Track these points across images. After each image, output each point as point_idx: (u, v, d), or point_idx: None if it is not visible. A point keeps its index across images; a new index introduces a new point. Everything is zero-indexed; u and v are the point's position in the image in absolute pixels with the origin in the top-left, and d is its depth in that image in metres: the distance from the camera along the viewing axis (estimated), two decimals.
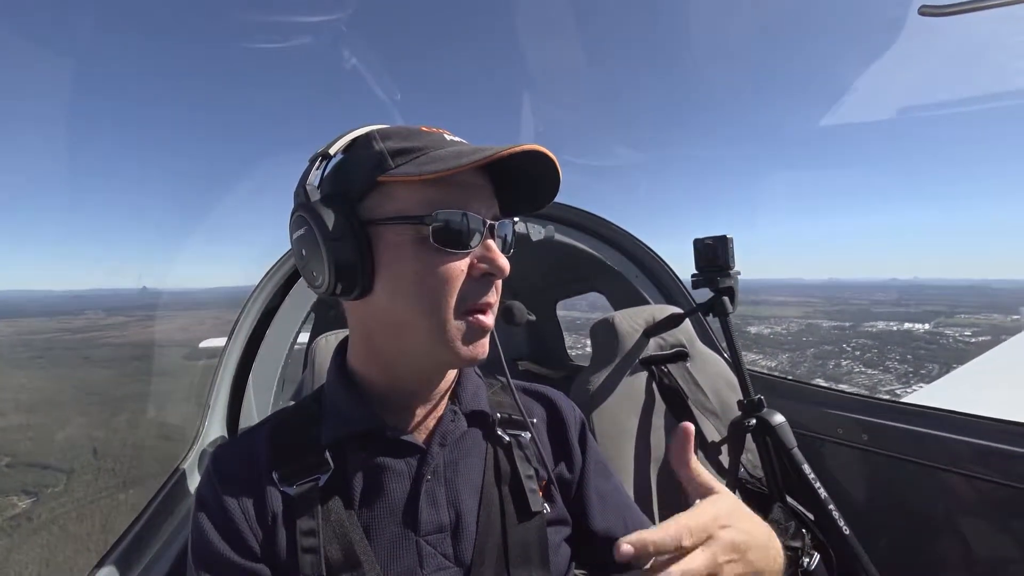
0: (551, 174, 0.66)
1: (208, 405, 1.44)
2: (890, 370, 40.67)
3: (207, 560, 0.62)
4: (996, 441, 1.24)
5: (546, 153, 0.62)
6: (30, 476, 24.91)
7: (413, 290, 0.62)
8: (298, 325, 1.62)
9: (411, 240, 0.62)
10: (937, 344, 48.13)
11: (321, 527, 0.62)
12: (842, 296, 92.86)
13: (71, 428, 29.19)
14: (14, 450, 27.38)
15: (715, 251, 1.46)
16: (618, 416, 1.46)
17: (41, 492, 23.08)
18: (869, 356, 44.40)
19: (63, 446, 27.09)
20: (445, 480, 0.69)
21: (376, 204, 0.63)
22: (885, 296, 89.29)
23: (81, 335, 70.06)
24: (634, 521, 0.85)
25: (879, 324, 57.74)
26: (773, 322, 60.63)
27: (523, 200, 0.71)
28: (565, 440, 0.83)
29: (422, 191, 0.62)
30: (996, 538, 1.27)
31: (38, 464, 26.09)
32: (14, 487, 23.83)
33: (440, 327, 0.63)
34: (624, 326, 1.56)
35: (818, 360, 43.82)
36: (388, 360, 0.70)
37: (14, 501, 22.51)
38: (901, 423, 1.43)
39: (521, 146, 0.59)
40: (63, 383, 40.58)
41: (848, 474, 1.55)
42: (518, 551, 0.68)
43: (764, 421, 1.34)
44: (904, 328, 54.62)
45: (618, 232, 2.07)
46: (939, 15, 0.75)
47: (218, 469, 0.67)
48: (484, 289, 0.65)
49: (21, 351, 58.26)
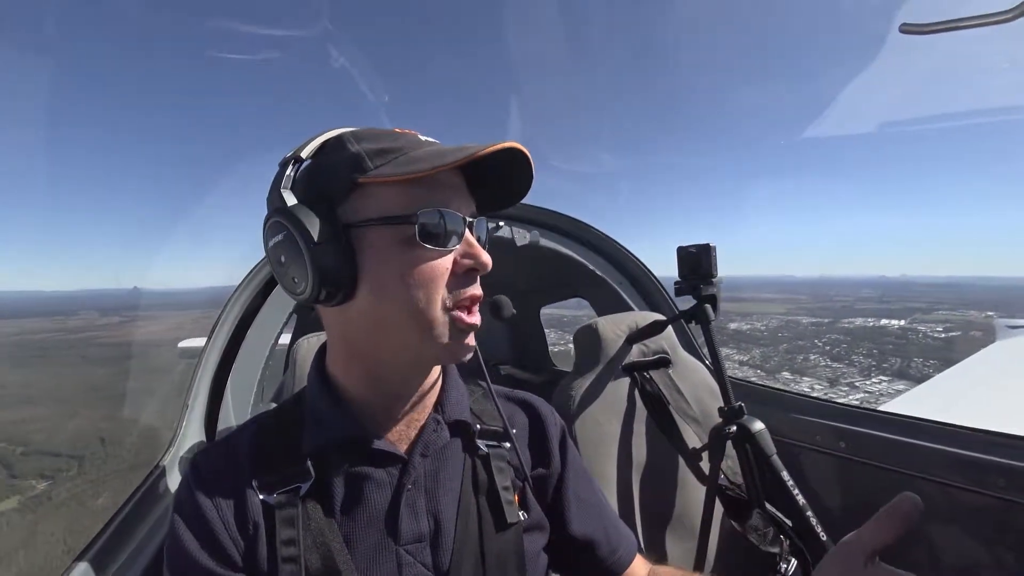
0: (525, 172, 0.66)
1: (187, 406, 1.42)
2: (854, 364, 41.95)
3: (183, 568, 0.61)
4: (969, 450, 1.26)
5: (522, 151, 0.62)
6: (45, 462, 27.01)
7: (399, 290, 0.62)
8: (279, 326, 1.60)
9: (394, 241, 0.61)
10: (906, 339, 49.47)
11: (301, 536, 0.62)
12: (828, 293, 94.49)
13: (78, 420, 30.86)
14: (27, 440, 29.26)
15: (698, 259, 1.45)
16: (600, 422, 1.45)
17: (56, 475, 25.22)
18: (837, 351, 45.63)
19: (72, 436, 28.89)
20: (425, 490, 0.69)
21: (356, 206, 0.62)
22: (871, 293, 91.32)
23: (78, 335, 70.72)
24: (613, 526, 0.85)
25: (857, 320, 58.70)
26: (754, 319, 61.49)
27: (498, 198, 0.71)
28: (545, 446, 0.83)
29: (403, 191, 0.61)
30: (969, 546, 1.27)
31: (50, 452, 28.08)
32: (31, 472, 26.03)
33: (428, 325, 0.62)
34: (607, 332, 1.56)
35: (788, 354, 45.23)
36: (369, 365, 0.68)
37: (33, 484, 24.79)
38: (878, 431, 1.44)
39: (500, 144, 0.59)
40: (66, 380, 42.22)
41: (826, 481, 1.55)
42: (495, 561, 0.68)
43: (744, 428, 1.34)
44: (880, 324, 55.85)
45: (602, 238, 2.06)
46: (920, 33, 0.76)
47: (197, 475, 0.66)
48: (468, 285, 0.65)
49: (21, 350, 59.19)
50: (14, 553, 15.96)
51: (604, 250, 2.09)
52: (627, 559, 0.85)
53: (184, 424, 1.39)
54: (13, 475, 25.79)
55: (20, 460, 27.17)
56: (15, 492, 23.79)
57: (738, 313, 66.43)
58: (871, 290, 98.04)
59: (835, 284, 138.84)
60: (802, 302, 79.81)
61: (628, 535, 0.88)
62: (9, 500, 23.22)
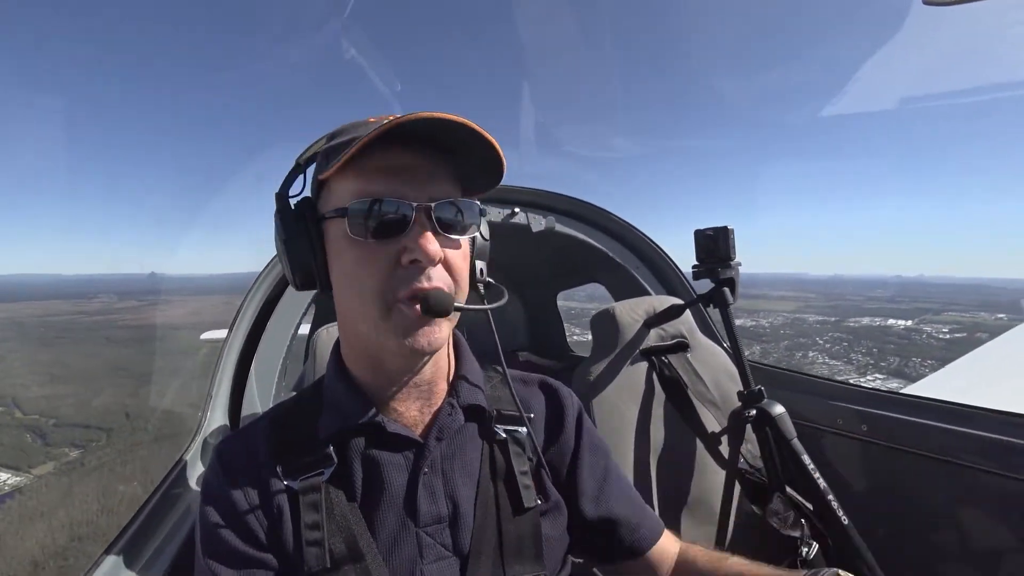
0: (491, 149, 0.61)
1: (210, 396, 1.44)
2: (852, 362, 42.53)
3: (216, 549, 0.63)
4: (995, 432, 1.23)
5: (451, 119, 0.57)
6: (76, 433, 29.51)
7: (350, 283, 0.63)
8: (299, 316, 1.61)
9: (343, 234, 0.61)
10: (908, 340, 49.44)
11: (325, 520, 0.63)
12: (840, 292, 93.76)
13: (104, 396, 33.05)
14: (57, 414, 31.67)
15: (716, 242, 1.43)
16: (618, 406, 1.45)
17: (87, 445, 27.65)
18: (837, 349, 46.19)
19: (100, 411, 31.15)
20: (442, 473, 0.69)
21: (323, 203, 0.65)
22: (883, 293, 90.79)
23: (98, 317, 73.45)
24: (635, 505, 0.85)
25: (864, 320, 58.42)
26: (761, 316, 61.48)
27: (481, 177, 0.67)
28: (561, 426, 0.83)
29: (351, 182, 0.61)
30: (994, 528, 1.25)
31: (80, 424, 30.58)
32: (64, 441, 28.55)
33: (378, 318, 0.62)
34: (625, 317, 1.56)
35: (788, 351, 45.49)
36: (368, 352, 0.69)
37: (66, 452, 27.30)
38: (900, 414, 1.42)
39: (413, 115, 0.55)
40: (90, 360, 44.54)
41: (847, 464, 1.54)
42: (513, 545, 0.69)
43: (764, 412, 1.32)
44: (886, 324, 55.49)
45: (618, 223, 2.05)
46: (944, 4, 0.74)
47: (222, 462, 0.67)
48: (412, 277, 0.61)
49: (45, 331, 61.65)
50: (55, 509, 18.10)
51: (620, 235, 2.08)
52: (651, 537, 0.83)
53: (208, 414, 1.41)
54: (47, 444, 28.38)
55: (53, 431, 29.73)
56: (50, 459, 26.32)
57: (746, 310, 65.77)
58: (883, 290, 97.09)
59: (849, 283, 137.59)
60: (812, 300, 79.24)
61: (652, 515, 0.87)
62: (45, 465, 25.74)
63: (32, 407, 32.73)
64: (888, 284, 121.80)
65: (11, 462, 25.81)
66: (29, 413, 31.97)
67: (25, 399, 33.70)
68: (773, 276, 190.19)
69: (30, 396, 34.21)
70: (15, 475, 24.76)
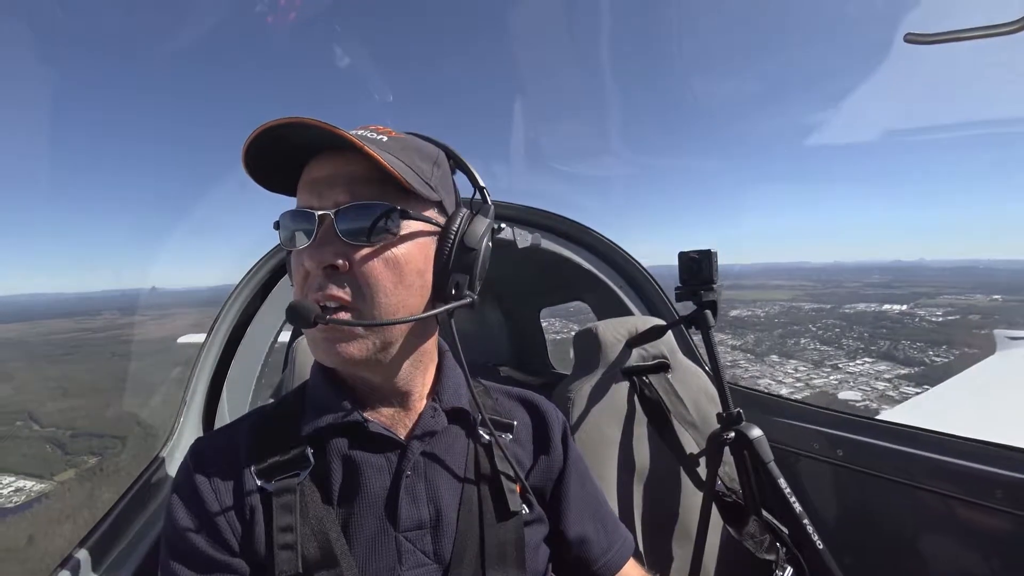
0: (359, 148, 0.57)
1: (184, 402, 1.41)
2: (843, 347, 43.09)
3: (181, 551, 0.61)
4: (967, 460, 1.24)
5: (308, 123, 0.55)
6: (92, 442, 30.85)
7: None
8: (279, 324, 1.60)
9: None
10: (901, 323, 49.66)
11: (299, 523, 0.61)
12: (838, 279, 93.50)
13: (115, 408, 33.98)
14: (73, 425, 32.96)
15: (699, 265, 1.44)
16: (600, 425, 1.45)
17: (104, 452, 29.03)
18: (829, 335, 46.53)
19: (112, 421, 32.26)
20: (425, 476, 0.68)
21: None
22: (881, 278, 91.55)
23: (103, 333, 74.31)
24: (610, 526, 0.84)
25: (859, 306, 58.67)
26: (757, 305, 61.77)
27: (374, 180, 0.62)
28: (548, 442, 0.81)
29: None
30: (964, 555, 1.26)
31: (95, 434, 31.90)
32: (82, 450, 29.94)
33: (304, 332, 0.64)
34: (607, 336, 1.56)
35: (781, 339, 46.30)
36: None
37: (85, 459, 28.74)
38: (875, 439, 1.43)
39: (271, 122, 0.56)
40: (98, 374, 45.71)
41: (823, 489, 1.55)
42: (495, 551, 0.67)
43: (742, 434, 1.33)
44: (881, 309, 55.70)
45: (604, 242, 2.05)
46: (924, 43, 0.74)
47: (197, 460, 0.65)
48: (311, 289, 0.61)
49: (52, 349, 62.80)
50: (79, 510, 19.58)
51: (605, 253, 2.08)
52: (620, 560, 0.83)
53: (182, 419, 1.39)
54: (67, 452, 29.88)
55: (71, 441, 31.22)
56: (71, 466, 27.84)
57: (742, 300, 66.54)
58: (882, 275, 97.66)
59: (847, 270, 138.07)
60: (809, 288, 79.22)
61: (625, 536, 0.86)
62: (67, 472, 27.25)
63: (49, 420, 34.18)
64: (887, 270, 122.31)
65: (35, 471, 27.13)
66: (46, 426, 33.39)
67: (41, 413, 35.08)
68: (769, 266, 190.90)
69: (46, 410, 35.60)
70: (40, 482, 25.97)
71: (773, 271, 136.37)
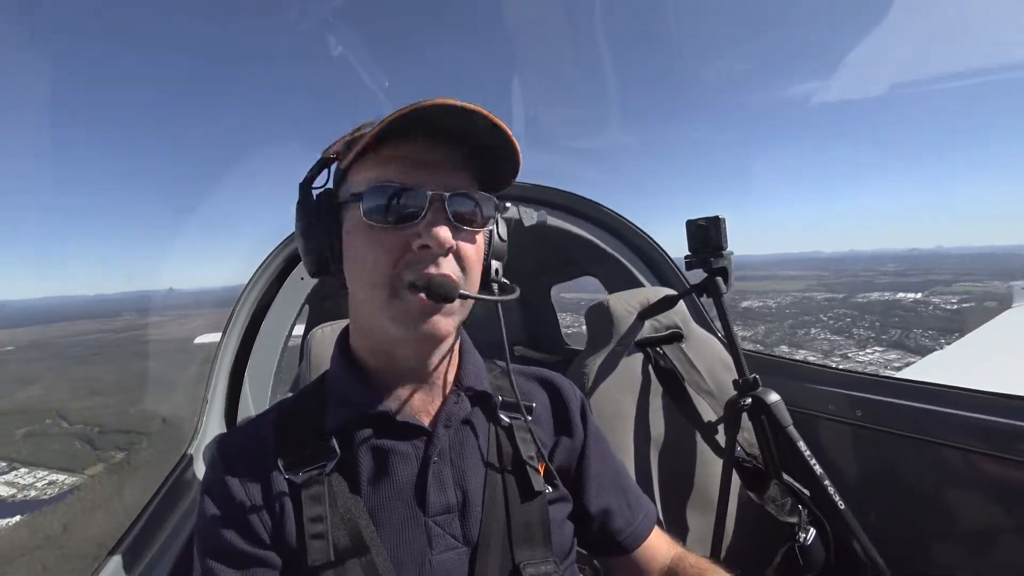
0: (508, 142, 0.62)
1: (206, 400, 1.43)
2: (853, 336, 42.40)
3: (214, 547, 0.62)
4: (986, 414, 1.22)
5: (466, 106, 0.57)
6: (119, 438, 32.14)
7: (360, 268, 0.63)
8: (293, 318, 1.62)
9: (357, 220, 0.61)
10: (914, 312, 48.75)
11: (328, 513, 0.62)
12: (853, 268, 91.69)
13: (140, 405, 35.09)
14: (100, 422, 34.29)
15: (708, 232, 1.43)
16: (616, 399, 1.45)
17: (131, 448, 30.28)
18: (840, 325, 45.80)
19: (138, 418, 33.42)
20: (451, 461, 0.69)
21: (342, 191, 0.65)
22: (896, 267, 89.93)
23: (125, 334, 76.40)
24: (633, 498, 0.84)
25: (873, 295, 57.45)
26: (769, 296, 60.76)
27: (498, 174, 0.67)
28: (567, 420, 0.82)
29: (369, 171, 0.62)
30: (987, 509, 1.25)
31: (122, 430, 33.18)
32: (109, 445, 31.31)
33: (385, 304, 0.62)
34: (619, 309, 1.55)
35: (792, 329, 45.66)
36: (375, 340, 0.69)
37: (112, 454, 30.13)
38: (894, 398, 1.42)
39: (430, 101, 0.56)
40: (123, 373, 46.94)
41: (843, 450, 1.53)
42: (521, 530, 0.68)
43: (759, 400, 1.32)
44: (895, 298, 54.54)
45: (610, 215, 2.03)
46: None
47: (223, 458, 0.67)
48: (421, 263, 0.61)
49: (77, 350, 65.11)
50: (109, 501, 20.81)
51: (612, 227, 2.06)
52: (644, 530, 0.83)
53: (205, 418, 1.41)
54: (95, 448, 31.40)
55: (99, 437, 32.73)
56: (100, 460, 29.33)
57: (754, 291, 65.72)
58: (895, 264, 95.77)
59: (862, 259, 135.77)
60: (823, 278, 78.17)
61: (648, 506, 0.87)
62: (96, 467, 28.74)
63: (77, 417, 35.76)
64: (902, 258, 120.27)
65: (66, 466, 28.66)
66: (75, 423, 34.98)
67: (70, 411, 36.65)
68: (783, 257, 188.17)
69: (74, 408, 37.17)
70: (71, 475, 27.65)
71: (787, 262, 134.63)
